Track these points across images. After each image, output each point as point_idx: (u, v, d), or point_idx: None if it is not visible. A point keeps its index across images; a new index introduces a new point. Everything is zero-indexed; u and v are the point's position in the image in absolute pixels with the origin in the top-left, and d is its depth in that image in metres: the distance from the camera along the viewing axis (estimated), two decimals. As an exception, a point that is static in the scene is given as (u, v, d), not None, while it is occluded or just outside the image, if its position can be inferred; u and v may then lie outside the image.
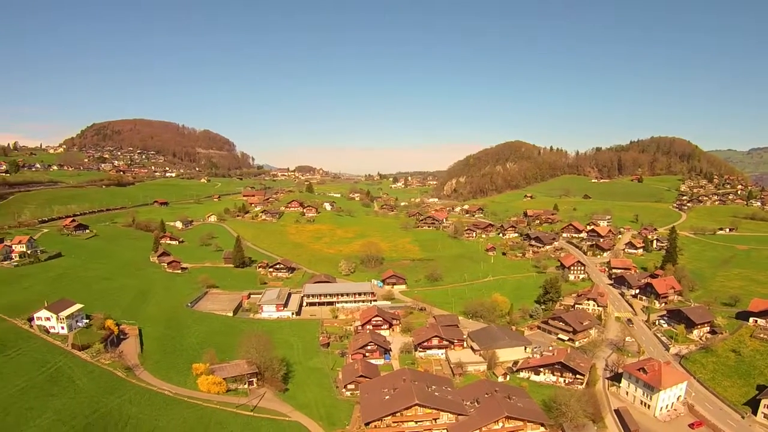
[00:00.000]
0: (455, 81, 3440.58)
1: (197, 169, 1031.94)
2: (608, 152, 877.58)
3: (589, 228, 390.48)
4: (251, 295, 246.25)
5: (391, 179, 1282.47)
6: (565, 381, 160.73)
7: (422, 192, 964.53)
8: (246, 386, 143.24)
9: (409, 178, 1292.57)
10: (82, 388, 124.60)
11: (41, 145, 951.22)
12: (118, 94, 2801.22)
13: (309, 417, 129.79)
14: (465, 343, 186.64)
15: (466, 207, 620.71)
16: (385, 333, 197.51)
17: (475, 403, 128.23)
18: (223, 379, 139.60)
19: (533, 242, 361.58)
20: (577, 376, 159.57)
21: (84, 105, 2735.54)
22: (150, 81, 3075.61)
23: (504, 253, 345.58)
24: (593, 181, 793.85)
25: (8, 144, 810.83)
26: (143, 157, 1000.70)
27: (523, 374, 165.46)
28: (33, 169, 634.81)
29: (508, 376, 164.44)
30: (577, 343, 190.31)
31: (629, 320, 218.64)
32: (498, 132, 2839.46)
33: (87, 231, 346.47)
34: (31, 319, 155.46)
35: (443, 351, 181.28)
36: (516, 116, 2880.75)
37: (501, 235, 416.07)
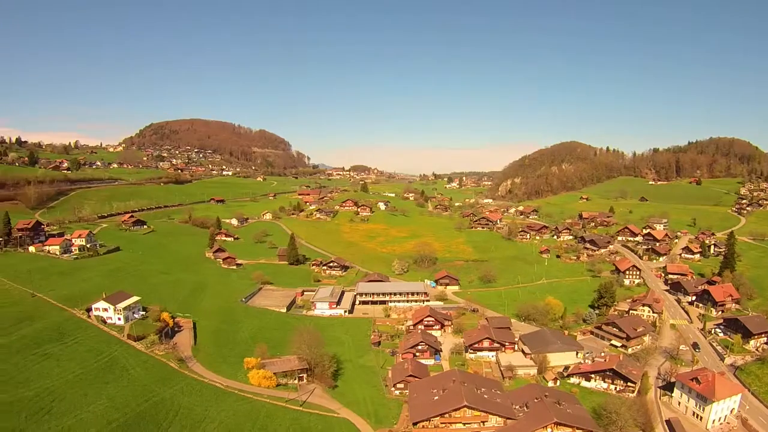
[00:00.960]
0: (512, 80, 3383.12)
1: (253, 168, 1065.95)
2: (666, 153, 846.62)
3: (645, 231, 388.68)
4: (305, 293, 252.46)
5: (445, 179, 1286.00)
6: (616, 388, 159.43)
7: (477, 192, 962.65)
8: (296, 381, 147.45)
9: (464, 178, 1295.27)
10: (135, 377, 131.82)
11: (101, 144, 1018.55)
12: (176, 94, 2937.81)
13: (357, 414, 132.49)
14: (516, 346, 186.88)
15: (520, 208, 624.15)
16: (436, 333, 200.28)
17: (524, 408, 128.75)
18: (274, 373, 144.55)
19: (588, 245, 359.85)
20: (629, 384, 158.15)
21: (142, 105, 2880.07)
22: (207, 82, 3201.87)
23: (558, 256, 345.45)
24: (650, 183, 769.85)
25: (69, 143, 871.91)
26: (200, 155, 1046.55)
27: (573, 380, 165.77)
28: (93, 167, 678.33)
29: (558, 381, 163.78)
30: (630, 350, 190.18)
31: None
32: (554, 131, 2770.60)
33: (145, 227, 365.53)
34: (89, 310, 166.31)
35: (494, 353, 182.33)
36: (572, 115, 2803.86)
37: (555, 237, 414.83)
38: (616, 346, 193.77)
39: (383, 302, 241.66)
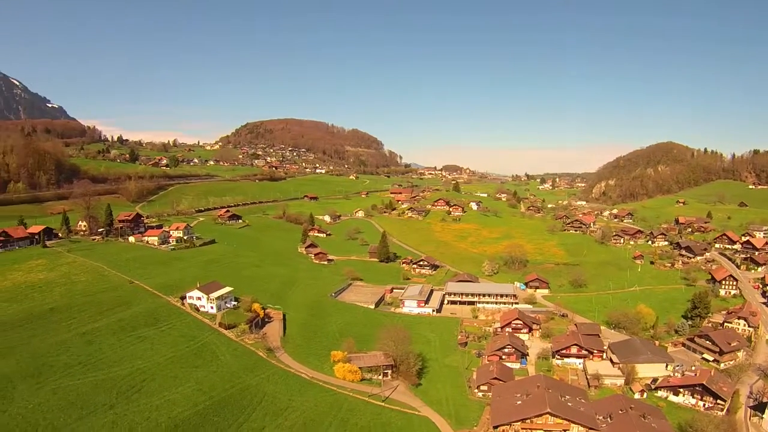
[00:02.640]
0: (608, 78, 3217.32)
1: (346, 166, 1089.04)
2: (767, 155, 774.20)
3: (743, 239, 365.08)
4: (394, 290, 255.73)
5: (538, 180, 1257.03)
6: (704, 405, 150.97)
7: (570, 194, 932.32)
8: (380, 377, 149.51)
9: (557, 179, 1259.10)
10: (224, 363, 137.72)
11: (199, 143, 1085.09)
12: (271, 95, 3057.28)
13: (438, 413, 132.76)
14: (605, 354, 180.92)
15: (614, 211, 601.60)
16: (523, 337, 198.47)
17: (608, 419, 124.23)
18: (359, 368, 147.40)
19: (683, 252, 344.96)
20: (718, 401, 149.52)
21: (239, 106, 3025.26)
22: (302, 82, 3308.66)
23: (652, 262, 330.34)
24: (750, 187, 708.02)
25: (168, 141, 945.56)
26: (294, 154, 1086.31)
27: (661, 393, 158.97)
28: (191, 164, 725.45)
29: (645, 394, 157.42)
30: (722, 365, 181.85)
31: None
32: (649, 131, 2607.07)
33: (240, 221, 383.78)
34: (183, 298, 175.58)
35: (581, 360, 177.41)
36: (669, 114, 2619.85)
37: (650, 242, 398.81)
38: (707, 360, 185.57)
39: (472, 303, 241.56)
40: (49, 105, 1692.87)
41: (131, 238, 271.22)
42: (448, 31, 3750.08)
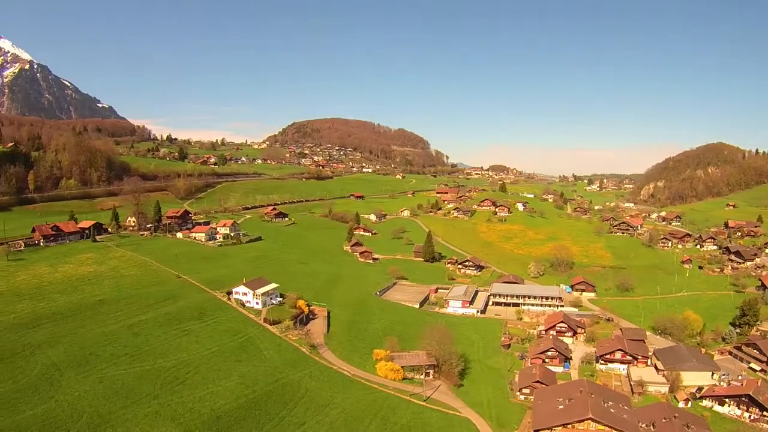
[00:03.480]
0: (657, 77, 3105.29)
1: (392, 165, 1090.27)
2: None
3: None
4: (438, 290, 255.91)
5: (585, 181, 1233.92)
6: (750, 417, 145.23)
7: (617, 196, 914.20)
8: (422, 377, 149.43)
9: (605, 180, 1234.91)
10: (268, 358, 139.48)
11: (246, 141, 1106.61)
12: (318, 95, 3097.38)
13: (479, 415, 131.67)
14: (649, 360, 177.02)
15: (662, 214, 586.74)
16: (567, 340, 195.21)
17: (651, 427, 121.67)
18: (401, 367, 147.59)
19: (733, 257, 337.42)
20: (764, 413, 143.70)
21: (286, 105, 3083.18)
22: (348, 82, 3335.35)
23: (701, 267, 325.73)
24: None
25: (217, 140, 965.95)
26: (341, 153, 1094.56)
27: (706, 402, 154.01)
28: (239, 162, 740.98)
29: (689, 403, 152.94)
30: None
31: None
32: (700, 131, 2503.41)
33: (286, 219, 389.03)
34: (229, 293, 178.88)
35: (625, 366, 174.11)
36: (719, 113, 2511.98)
37: (698, 246, 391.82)
38: (755, 370, 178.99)
39: (516, 304, 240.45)
40: (100, 105, 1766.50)
41: (179, 234, 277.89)
42: (493, 30, 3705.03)
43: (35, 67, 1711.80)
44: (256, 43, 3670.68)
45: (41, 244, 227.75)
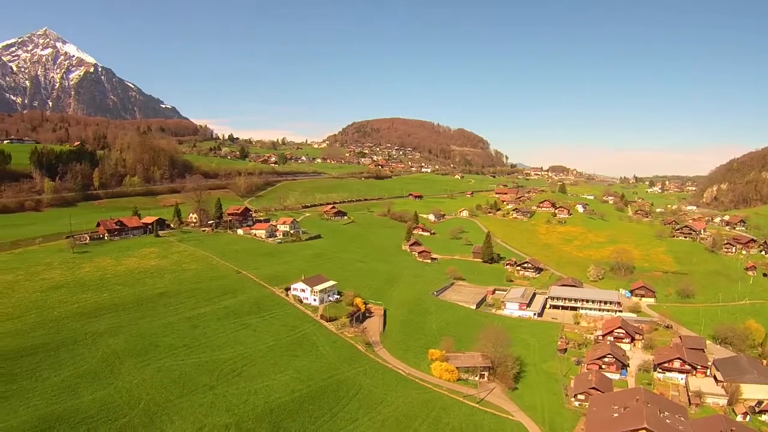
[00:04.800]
0: (724, 75, 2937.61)
1: (452, 165, 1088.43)
2: None
3: None
4: (496, 291, 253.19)
5: (647, 183, 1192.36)
6: None
7: (680, 198, 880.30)
8: (477, 378, 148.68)
9: (666, 182, 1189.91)
10: (323, 354, 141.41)
11: (306, 141, 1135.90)
12: (377, 95, 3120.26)
13: (532, 419, 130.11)
14: (708, 370, 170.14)
15: (726, 218, 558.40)
16: (625, 347, 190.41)
17: None
18: (456, 368, 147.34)
19: None
20: None
21: (346, 105, 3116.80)
22: (407, 82, 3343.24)
23: (765, 274, 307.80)
24: None
25: (277, 139, 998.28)
26: (400, 153, 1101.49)
27: (765, 417, 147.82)
28: (299, 162, 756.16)
29: (748, 417, 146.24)
30: None
31: None
32: (766, 131, 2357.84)
33: (345, 217, 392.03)
34: (287, 289, 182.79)
35: (683, 376, 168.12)
36: None
37: (763, 252, 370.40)
38: None
39: (574, 308, 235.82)
40: (163, 106, 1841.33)
41: (239, 231, 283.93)
42: (553, 29, 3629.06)
43: (100, 69, 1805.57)
44: (314, 43, 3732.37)
45: (105, 238, 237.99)
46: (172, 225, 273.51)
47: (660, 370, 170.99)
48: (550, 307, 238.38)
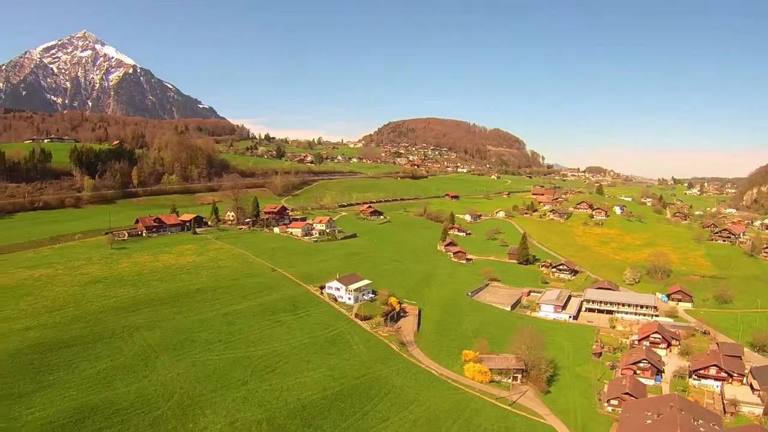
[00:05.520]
0: (762, 75, 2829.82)
1: (488, 166, 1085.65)
2: None
3: None
4: (531, 293, 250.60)
5: (685, 184, 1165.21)
6: None
7: (719, 201, 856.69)
8: (509, 380, 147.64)
9: (705, 184, 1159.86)
10: (357, 353, 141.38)
11: (342, 141, 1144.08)
12: (413, 95, 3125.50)
13: (564, 424, 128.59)
14: (745, 378, 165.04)
15: (766, 221, 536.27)
16: (661, 352, 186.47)
17: None
18: (489, 369, 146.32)
19: None
20: None
21: (381, 105, 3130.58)
22: (442, 82, 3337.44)
23: None
24: None
25: (313, 139, 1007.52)
26: (436, 153, 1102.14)
27: None
28: (335, 161, 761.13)
29: None
30: None
31: None
32: None
33: (381, 217, 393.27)
34: (322, 288, 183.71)
35: (719, 383, 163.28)
36: None
37: None
38: None
39: (610, 312, 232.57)
40: (200, 106, 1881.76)
41: (276, 229, 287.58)
42: (595, 27, 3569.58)
43: (138, 70, 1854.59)
44: (350, 44, 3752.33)
45: (144, 234, 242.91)
46: (209, 223, 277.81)
47: (695, 377, 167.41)
48: (585, 310, 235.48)
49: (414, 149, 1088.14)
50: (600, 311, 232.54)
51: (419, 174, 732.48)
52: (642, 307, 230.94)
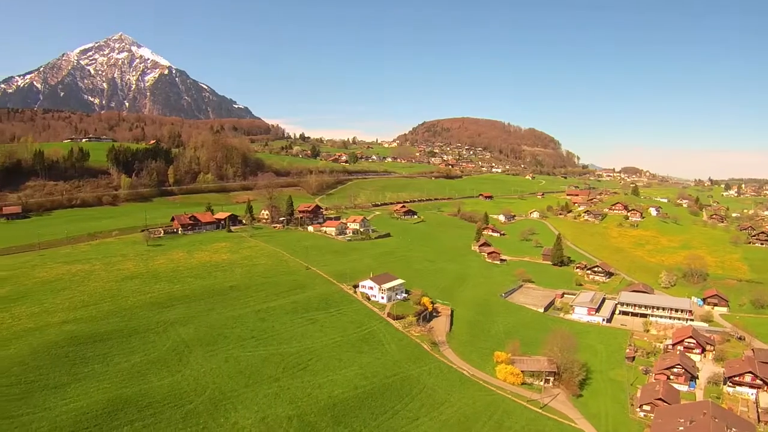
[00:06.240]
0: None
1: (522, 166, 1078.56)
2: None
3: None
4: (564, 295, 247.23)
5: (722, 186, 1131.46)
6: None
7: (756, 203, 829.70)
8: (541, 383, 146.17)
9: (743, 185, 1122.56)
10: (389, 352, 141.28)
11: (377, 140, 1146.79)
12: (447, 94, 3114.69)
13: (595, 428, 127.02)
14: None
15: None
16: (695, 357, 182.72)
17: None
18: (521, 371, 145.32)
19: None
20: None
21: (416, 105, 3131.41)
22: (478, 82, 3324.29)
23: None
24: None
25: (348, 138, 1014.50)
26: (470, 152, 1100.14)
27: None
28: (369, 160, 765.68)
29: None
30: None
31: None
32: None
33: (415, 217, 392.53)
34: (356, 286, 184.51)
35: (754, 391, 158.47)
36: None
37: None
38: None
39: (644, 315, 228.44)
40: (236, 106, 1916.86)
41: (310, 228, 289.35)
42: (629, 28, 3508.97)
43: (174, 71, 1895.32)
44: (384, 45, 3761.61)
45: (179, 232, 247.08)
46: (244, 221, 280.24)
47: (730, 384, 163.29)
48: (619, 313, 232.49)
49: (448, 149, 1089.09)
50: (634, 314, 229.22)
51: (453, 174, 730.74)
52: (677, 310, 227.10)
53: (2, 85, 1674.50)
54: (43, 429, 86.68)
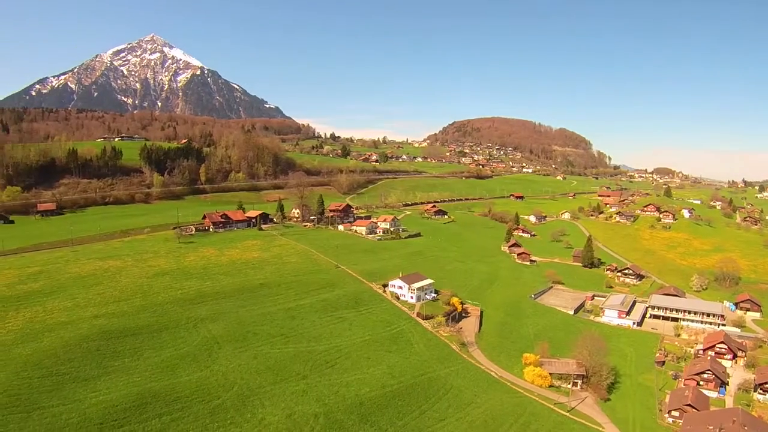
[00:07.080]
0: None
1: (553, 166, 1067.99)
2: None
3: None
4: (595, 297, 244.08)
5: (756, 187, 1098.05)
6: None
7: None
8: (569, 386, 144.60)
9: None
10: (417, 351, 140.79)
11: (407, 140, 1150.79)
12: (478, 95, 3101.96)
13: None
14: None
15: None
16: (726, 363, 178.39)
17: None
18: (549, 373, 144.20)
19: None
20: None
21: (446, 105, 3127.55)
22: (508, 81, 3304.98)
23: None
24: None
25: (378, 138, 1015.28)
26: (501, 152, 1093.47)
27: None
28: (399, 160, 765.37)
29: None
30: None
31: None
32: None
33: (445, 216, 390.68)
34: (385, 286, 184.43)
35: None
36: None
37: None
38: None
39: (675, 319, 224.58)
40: (267, 105, 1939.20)
41: (340, 227, 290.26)
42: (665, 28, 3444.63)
43: (206, 72, 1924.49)
44: (415, 44, 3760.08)
45: (210, 230, 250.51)
46: (274, 219, 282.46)
47: (761, 391, 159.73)
48: (650, 317, 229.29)
49: (479, 149, 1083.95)
50: (665, 318, 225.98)
51: (484, 174, 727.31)
52: (708, 315, 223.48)
53: (37, 86, 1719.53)
54: (72, 420, 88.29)
